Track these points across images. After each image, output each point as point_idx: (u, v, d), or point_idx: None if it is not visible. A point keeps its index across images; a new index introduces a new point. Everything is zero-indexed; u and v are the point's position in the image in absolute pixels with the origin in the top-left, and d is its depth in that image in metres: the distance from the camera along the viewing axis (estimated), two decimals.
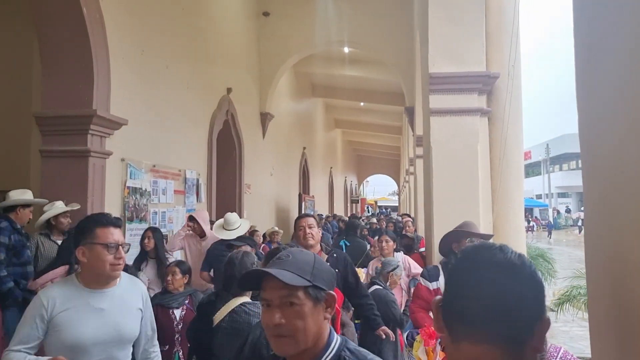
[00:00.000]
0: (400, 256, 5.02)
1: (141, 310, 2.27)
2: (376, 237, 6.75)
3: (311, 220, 3.58)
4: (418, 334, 3.17)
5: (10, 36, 5.66)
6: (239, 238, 4.81)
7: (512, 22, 4.41)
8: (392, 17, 10.49)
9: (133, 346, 2.27)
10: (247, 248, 4.19)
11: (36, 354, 2.04)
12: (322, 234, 7.16)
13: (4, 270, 3.98)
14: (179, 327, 3.64)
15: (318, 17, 10.82)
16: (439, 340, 3.07)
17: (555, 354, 1.74)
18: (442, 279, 3.20)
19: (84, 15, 4.68)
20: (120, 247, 2.12)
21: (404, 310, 4.23)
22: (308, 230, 3.50)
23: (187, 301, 3.78)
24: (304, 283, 1.32)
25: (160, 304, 3.63)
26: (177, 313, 3.71)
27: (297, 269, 1.33)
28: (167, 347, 3.56)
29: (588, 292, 1.55)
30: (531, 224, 38.36)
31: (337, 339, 1.39)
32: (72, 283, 2.13)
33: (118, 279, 2.21)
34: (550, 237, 31.53)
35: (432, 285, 3.24)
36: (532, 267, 0.93)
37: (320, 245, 3.62)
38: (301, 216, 3.70)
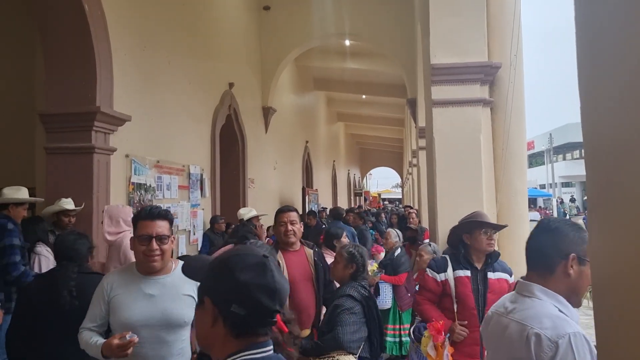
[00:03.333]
0: None
1: (194, 297, 2.26)
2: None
3: (293, 216, 3.34)
4: (426, 328, 3.06)
5: (13, 35, 5.68)
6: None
7: (513, 11, 4.40)
8: (393, 9, 10.45)
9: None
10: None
11: (107, 332, 2.31)
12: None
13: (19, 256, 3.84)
14: None
15: (318, 10, 10.78)
16: (448, 334, 3.03)
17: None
18: (450, 270, 3.07)
19: (86, 12, 4.69)
20: (154, 238, 2.24)
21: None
22: (290, 227, 3.29)
23: None
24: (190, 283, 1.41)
25: None
26: None
27: (196, 272, 1.35)
28: None
29: (592, 281, 1.56)
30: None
31: (236, 356, 1.17)
32: (131, 270, 2.34)
33: (173, 267, 2.34)
34: None
35: (440, 277, 3.09)
36: (558, 227, 1.60)
37: (301, 241, 3.43)
38: (283, 210, 3.42)
